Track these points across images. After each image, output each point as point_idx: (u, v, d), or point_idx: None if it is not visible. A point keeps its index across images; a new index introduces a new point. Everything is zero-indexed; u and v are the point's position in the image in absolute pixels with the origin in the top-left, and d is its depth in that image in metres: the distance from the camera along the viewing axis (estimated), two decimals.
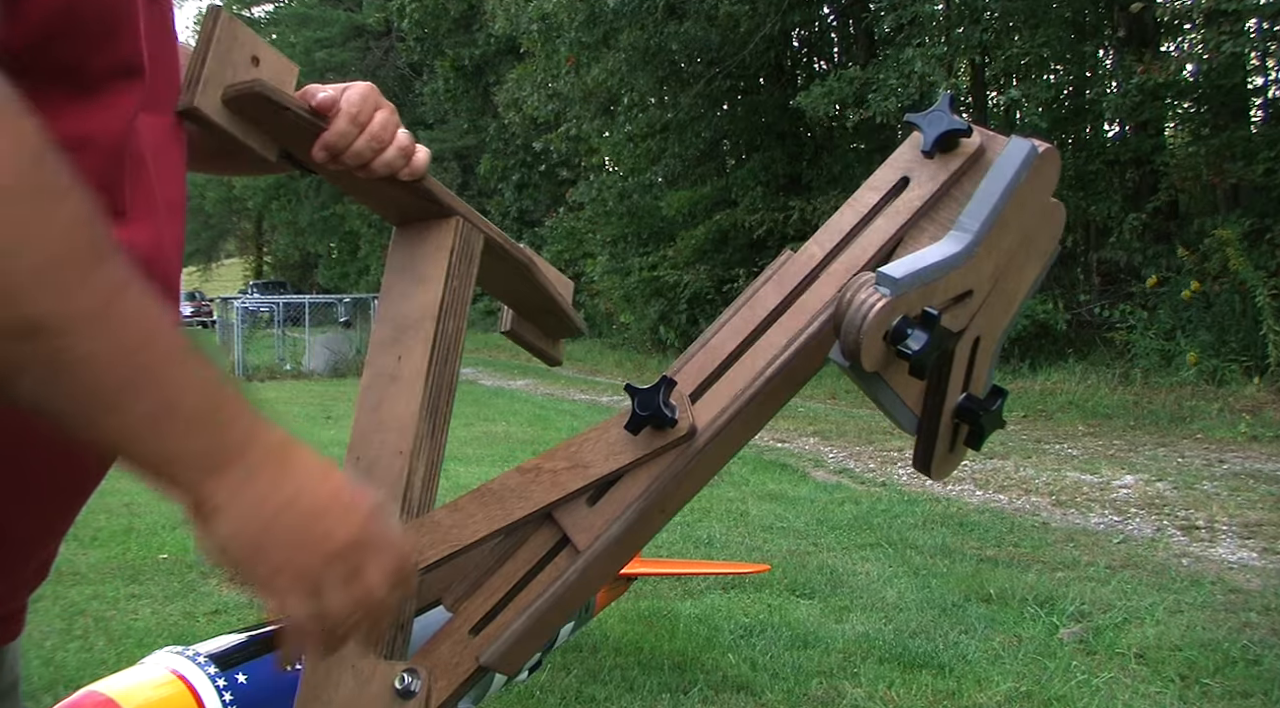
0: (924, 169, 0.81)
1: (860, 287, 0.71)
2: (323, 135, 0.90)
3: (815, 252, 0.81)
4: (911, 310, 0.70)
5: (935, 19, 12.53)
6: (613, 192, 17.19)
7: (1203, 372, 9.46)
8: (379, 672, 0.80)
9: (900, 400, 0.76)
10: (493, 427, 9.49)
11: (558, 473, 0.82)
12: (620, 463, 0.80)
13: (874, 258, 0.78)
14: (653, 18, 14.71)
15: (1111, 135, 13.73)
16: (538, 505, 0.81)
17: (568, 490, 0.81)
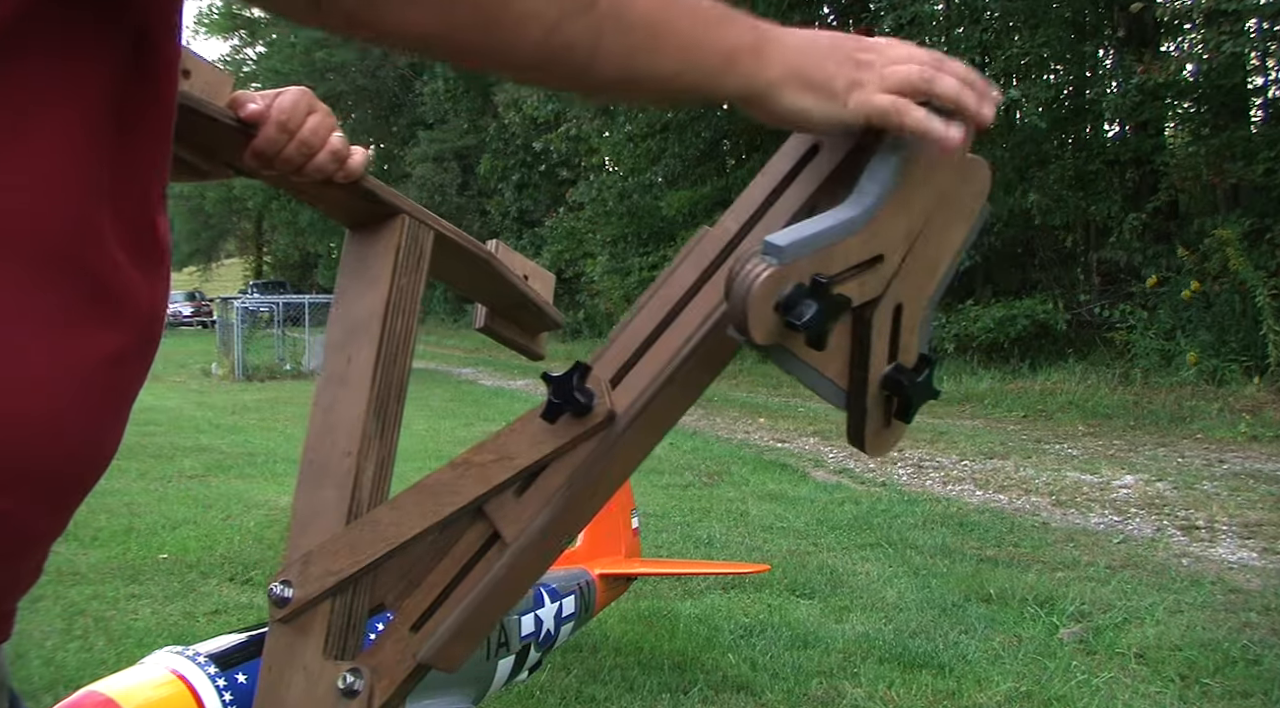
0: (836, 135, 0.80)
1: (748, 257, 0.68)
2: (252, 142, 0.92)
3: (729, 225, 0.79)
4: (804, 279, 0.68)
5: (935, 19, 12.54)
6: (613, 192, 17.20)
7: (1203, 372, 9.47)
8: (325, 672, 0.81)
9: (817, 373, 0.73)
10: (492, 427, 9.49)
11: (485, 466, 0.81)
12: (543, 452, 0.80)
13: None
14: None
15: (1111, 135, 13.74)
16: (468, 499, 0.81)
17: (495, 483, 0.81)
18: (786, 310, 0.67)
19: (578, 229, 19.14)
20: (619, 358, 0.80)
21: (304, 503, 0.88)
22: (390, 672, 0.81)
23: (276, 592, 0.83)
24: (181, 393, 13.16)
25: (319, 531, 0.86)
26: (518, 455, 0.81)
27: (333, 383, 0.91)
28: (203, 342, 22.51)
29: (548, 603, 2.89)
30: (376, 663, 0.81)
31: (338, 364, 0.92)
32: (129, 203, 0.66)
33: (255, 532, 5.18)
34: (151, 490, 6.09)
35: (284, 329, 17.97)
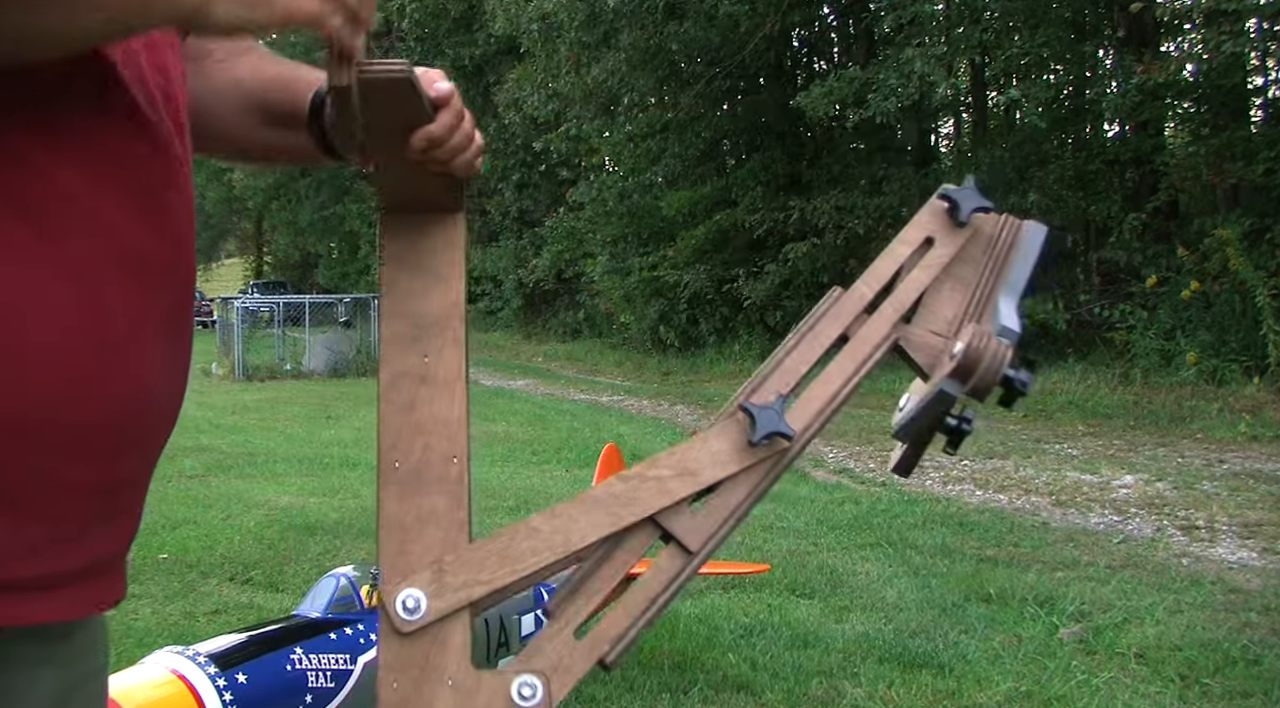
0: (946, 232, 0.97)
1: (985, 336, 0.86)
2: (430, 127, 0.90)
3: (864, 292, 0.95)
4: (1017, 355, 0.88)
5: (935, 19, 12.53)
6: (613, 192, 17.18)
7: (1203, 372, 9.47)
8: (485, 683, 0.80)
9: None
10: (493, 427, 9.49)
11: (664, 480, 0.86)
12: (728, 472, 0.88)
13: (913, 302, 0.95)
14: (653, 18, 14.71)
15: (1111, 135, 13.74)
16: (648, 511, 0.85)
17: (678, 497, 0.86)
18: (1009, 380, 0.87)
19: (578, 229, 19.13)
20: (783, 387, 0.90)
21: (402, 510, 0.85)
22: (563, 676, 0.83)
23: (403, 603, 0.81)
24: None
25: (432, 540, 0.83)
26: (700, 472, 0.87)
27: (409, 381, 0.89)
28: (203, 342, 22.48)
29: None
30: (544, 668, 0.82)
31: (412, 361, 0.90)
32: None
33: (255, 532, 5.18)
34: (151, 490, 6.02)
35: (284, 329, 17.97)
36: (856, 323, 0.93)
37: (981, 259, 0.97)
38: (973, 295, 0.95)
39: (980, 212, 0.98)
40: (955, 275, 0.96)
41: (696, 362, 15.45)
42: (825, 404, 0.91)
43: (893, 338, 0.93)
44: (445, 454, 0.87)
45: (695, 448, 0.87)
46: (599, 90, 15.82)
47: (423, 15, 23.04)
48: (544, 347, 20.82)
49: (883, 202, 13.70)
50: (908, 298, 0.95)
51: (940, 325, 0.94)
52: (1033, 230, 1.00)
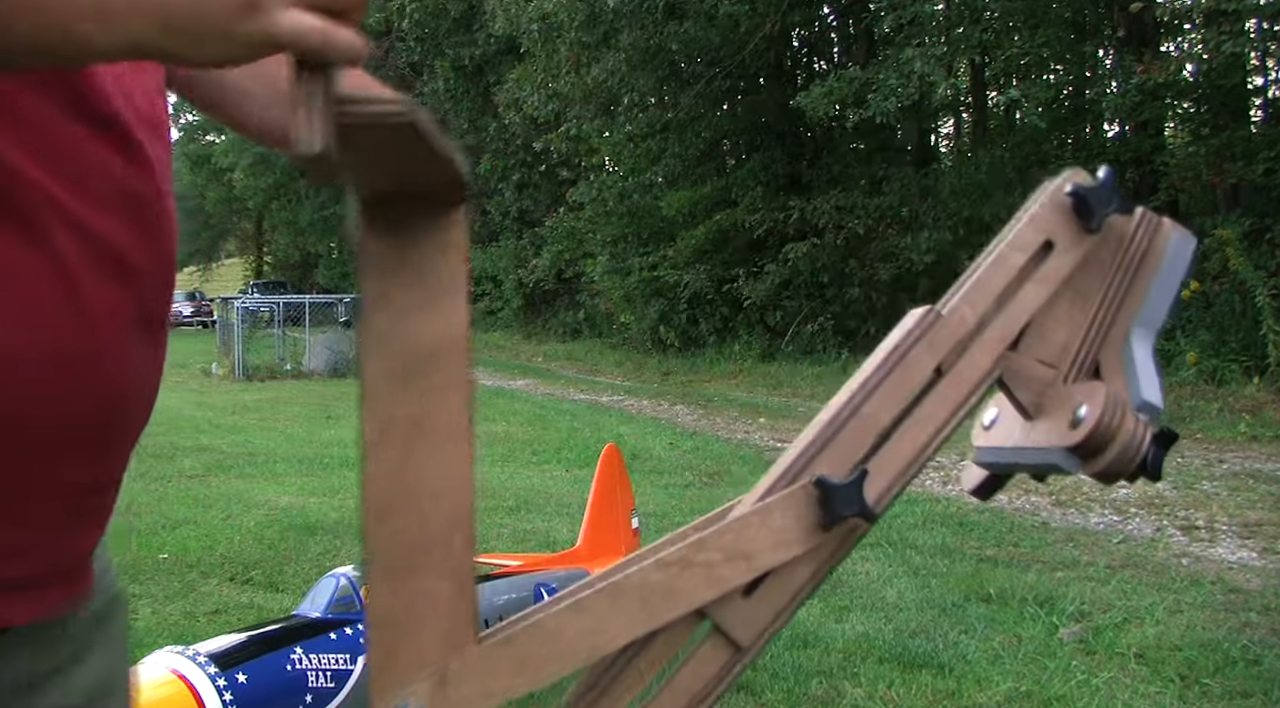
0: (1068, 234, 0.78)
1: (1121, 410, 0.73)
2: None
3: (967, 313, 0.77)
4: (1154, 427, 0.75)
5: (935, 19, 12.54)
6: (613, 192, 17.18)
7: (1202, 372, 9.47)
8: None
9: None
10: (493, 427, 9.49)
11: (713, 566, 0.72)
12: (792, 554, 0.73)
13: (1026, 326, 0.78)
14: (653, 18, 14.71)
15: (1111, 135, 13.74)
16: (693, 605, 0.71)
17: (729, 586, 0.71)
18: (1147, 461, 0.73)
19: (578, 229, 19.13)
20: (856, 447, 0.75)
21: (394, 600, 0.68)
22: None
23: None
24: (181, 393, 13.15)
25: (431, 637, 0.68)
26: (756, 555, 0.72)
27: (401, 428, 0.70)
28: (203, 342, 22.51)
29: None
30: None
31: (404, 403, 0.71)
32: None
33: (255, 532, 5.18)
34: (151, 490, 6.09)
35: (284, 329, 17.97)
36: (953, 353, 0.77)
37: (1110, 267, 0.80)
38: (1096, 316, 0.79)
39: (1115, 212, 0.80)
40: (1074, 287, 0.79)
41: (696, 362, 15.45)
42: (910, 463, 0.76)
43: (997, 372, 0.77)
44: (447, 526, 0.70)
45: (751, 524, 0.72)
46: (599, 90, 15.82)
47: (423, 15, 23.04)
48: (544, 347, 20.82)
49: (883, 202, 13.71)
50: (1018, 321, 0.78)
51: (1052, 353, 0.78)
52: (1178, 241, 0.81)
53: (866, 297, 13.78)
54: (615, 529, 3.54)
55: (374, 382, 0.71)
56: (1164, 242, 0.81)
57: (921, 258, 12.60)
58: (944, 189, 13.49)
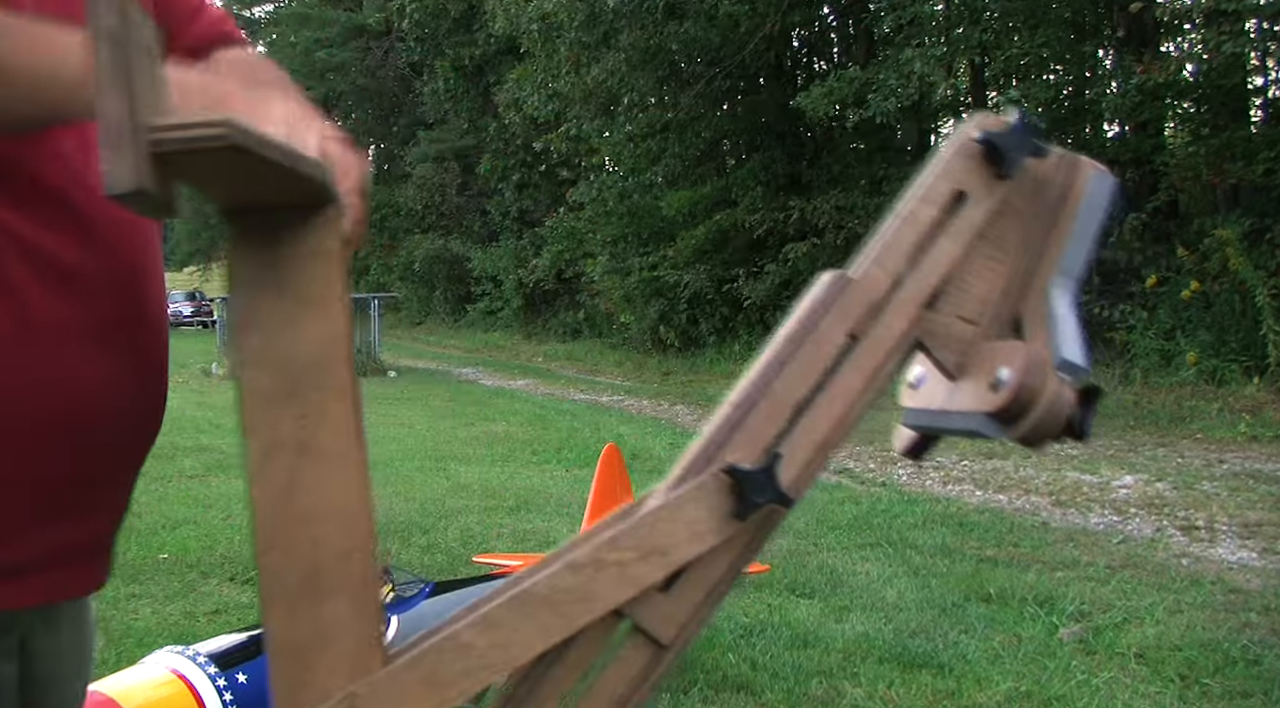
0: (980, 183, 0.73)
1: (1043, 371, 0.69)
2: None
3: (878, 276, 0.72)
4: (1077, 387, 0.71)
5: (935, 19, 12.53)
6: (613, 192, 17.18)
7: (1202, 372, 9.47)
8: None
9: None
10: (493, 426, 9.49)
11: (627, 565, 0.68)
12: (708, 545, 0.69)
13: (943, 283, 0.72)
14: (653, 18, 14.71)
15: (1111, 135, 13.74)
16: (609, 606, 0.67)
17: (646, 585, 0.68)
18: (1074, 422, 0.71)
19: (578, 229, 19.13)
20: (770, 425, 0.70)
21: (295, 629, 0.65)
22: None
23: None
24: (182, 393, 13.16)
25: (337, 662, 0.65)
26: (671, 550, 0.68)
27: (285, 454, 0.66)
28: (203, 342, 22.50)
29: None
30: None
31: (285, 426, 0.66)
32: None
33: None
34: (151, 490, 6.09)
35: None
36: (867, 318, 0.72)
37: (1028, 214, 0.75)
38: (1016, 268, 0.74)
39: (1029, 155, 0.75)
40: (992, 238, 0.74)
41: (696, 362, 15.45)
42: (829, 439, 0.72)
43: (914, 334, 0.73)
44: (342, 549, 0.67)
45: (663, 518, 0.68)
46: (599, 90, 15.81)
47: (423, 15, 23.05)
48: (544, 347, 20.81)
49: (883, 202, 13.69)
50: (933, 279, 0.73)
51: (972, 309, 0.73)
52: (1096, 180, 0.76)
53: None
54: None
55: (252, 404, 0.67)
56: (1082, 182, 0.77)
57: None
58: None
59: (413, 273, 28.06)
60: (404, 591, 2.57)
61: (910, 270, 0.73)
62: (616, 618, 0.69)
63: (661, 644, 0.69)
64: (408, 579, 2.65)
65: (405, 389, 13.44)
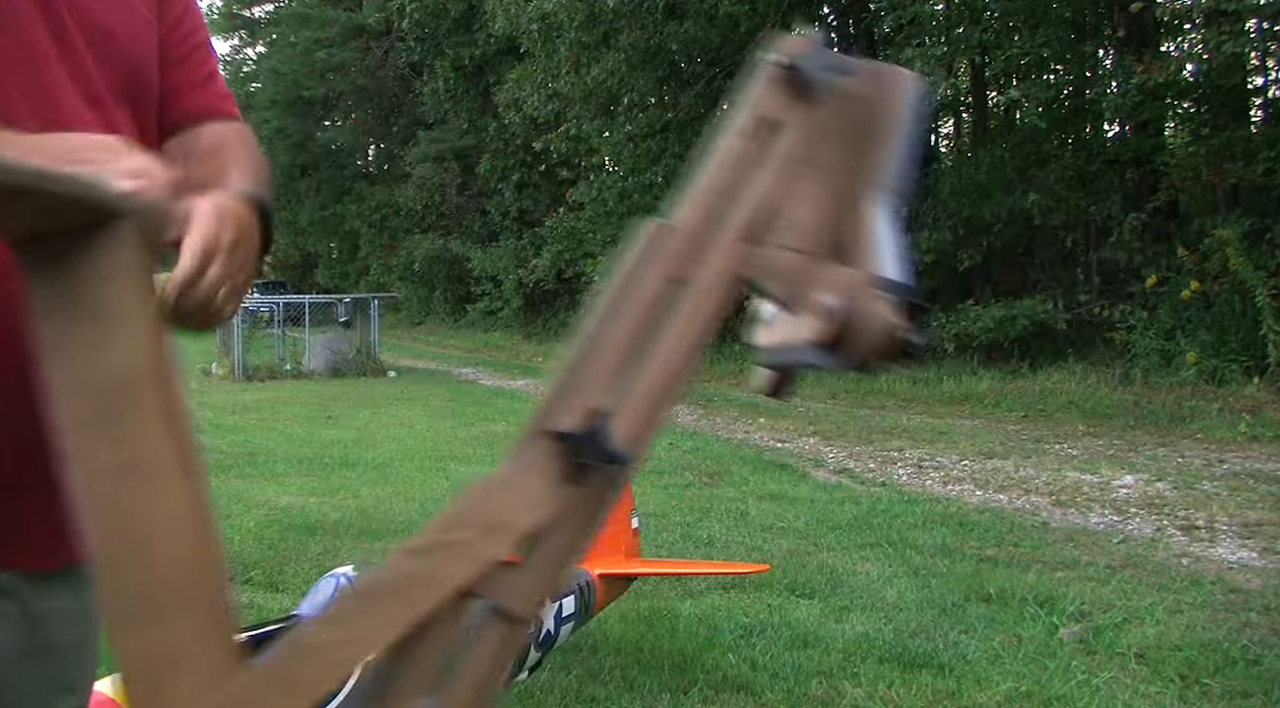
0: (790, 110, 0.70)
1: (863, 295, 0.66)
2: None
3: (695, 217, 0.69)
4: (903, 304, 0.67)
5: (935, 19, 12.53)
6: (613, 192, 17.18)
7: (1203, 372, 9.47)
8: None
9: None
10: (493, 427, 9.49)
11: (468, 545, 0.65)
12: (548, 515, 0.67)
13: (760, 217, 0.68)
14: (653, 18, 14.71)
15: (1111, 135, 13.73)
16: (453, 588, 0.65)
17: (488, 561, 0.65)
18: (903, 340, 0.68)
19: (578, 229, 19.12)
20: (601, 384, 0.68)
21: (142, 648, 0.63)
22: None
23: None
24: None
25: (190, 682, 0.62)
26: (513, 523, 0.66)
27: (106, 477, 0.65)
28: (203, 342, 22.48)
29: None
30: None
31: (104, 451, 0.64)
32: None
33: (255, 532, 5.17)
34: None
35: (284, 329, 17.96)
36: (688, 261, 0.69)
37: (844, 133, 0.71)
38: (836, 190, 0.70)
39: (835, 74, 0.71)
40: (810, 163, 0.71)
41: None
42: (665, 392, 0.68)
43: (741, 272, 0.70)
44: (186, 563, 0.66)
45: (500, 494, 0.67)
46: (599, 90, 15.81)
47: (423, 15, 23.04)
48: (544, 347, 20.80)
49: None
50: (755, 213, 0.70)
51: (798, 238, 0.69)
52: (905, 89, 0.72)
53: None
54: (615, 529, 3.54)
55: (71, 434, 0.65)
56: (893, 93, 0.73)
57: (921, 258, 12.59)
58: (944, 189, 13.48)
59: (412, 273, 28.06)
60: None
61: (727, 207, 0.70)
62: (467, 598, 0.67)
63: (517, 618, 0.68)
64: None
65: (405, 389, 13.44)
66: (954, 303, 12.43)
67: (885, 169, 0.70)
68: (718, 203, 0.70)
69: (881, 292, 0.66)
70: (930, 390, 11.19)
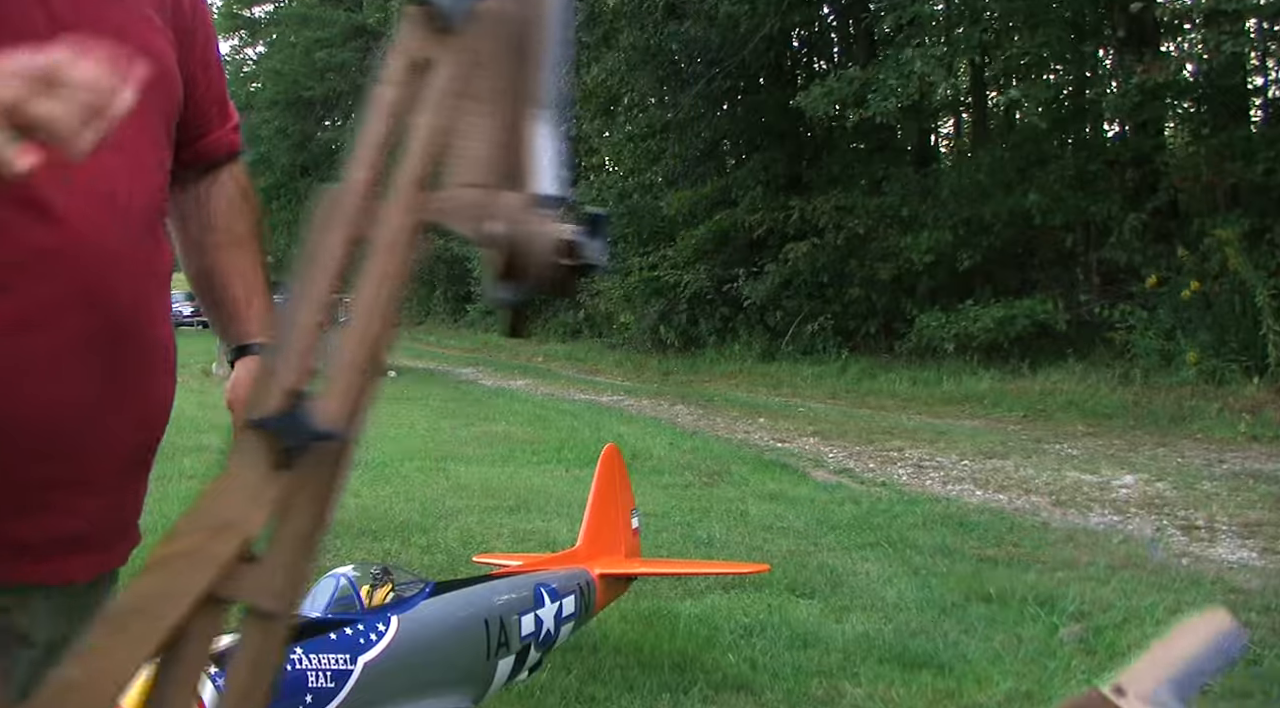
0: (433, 46, 0.69)
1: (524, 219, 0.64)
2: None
3: (362, 175, 0.68)
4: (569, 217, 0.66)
5: (935, 19, 12.54)
6: (613, 192, 17.19)
7: (1203, 372, 9.47)
8: None
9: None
10: (493, 426, 9.49)
11: (200, 551, 0.65)
12: (271, 504, 0.66)
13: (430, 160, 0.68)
14: (653, 18, 14.73)
15: (1111, 135, 13.74)
16: (195, 595, 0.64)
17: (226, 561, 0.64)
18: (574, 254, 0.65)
19: None
20: (304, 360, 0.67)
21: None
22: None
23: None
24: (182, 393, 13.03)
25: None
26: (239, 521, 0.65)
27: None
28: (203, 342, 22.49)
29: (548, 603, 2.89)
30: None
31: None
32: None
33: None
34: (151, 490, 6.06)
35: None
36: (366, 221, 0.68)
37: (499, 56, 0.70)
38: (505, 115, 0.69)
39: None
40: (472, 94, 0.69)
41: (696, 362, 15.44)
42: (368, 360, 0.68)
43: (424, 219, 0.68)
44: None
45: (222, 492, 0.66)
46: (599, 90, 15.82)
47: None
48: (544, 347, 20.80)
49: (883, 202, 13.70)
50: (420, 158, 0.69)
51: (475, 173, 0.68)
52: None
53: (866, 297, 13.77)
54: (615, 529, 3.54)
55: None
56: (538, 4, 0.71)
57: (921, 258, 12.60)
58: (944, 189, 13.48)
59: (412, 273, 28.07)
60: (404, 590, 2.57)
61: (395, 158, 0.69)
62: (212, 604, 0.65)
63: (271, 614, 0.66)
64: (408, 579, 2.65)
65: (405, 389, 13.44)
66: (954, 303, 12.44)
67: (541, 83, 0.69)
68: (381, 157, 0.68)
69: (542, 209, 0.65)
70: (930, 390, 11.19)
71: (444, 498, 6.11)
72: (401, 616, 2.47)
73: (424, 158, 0.67)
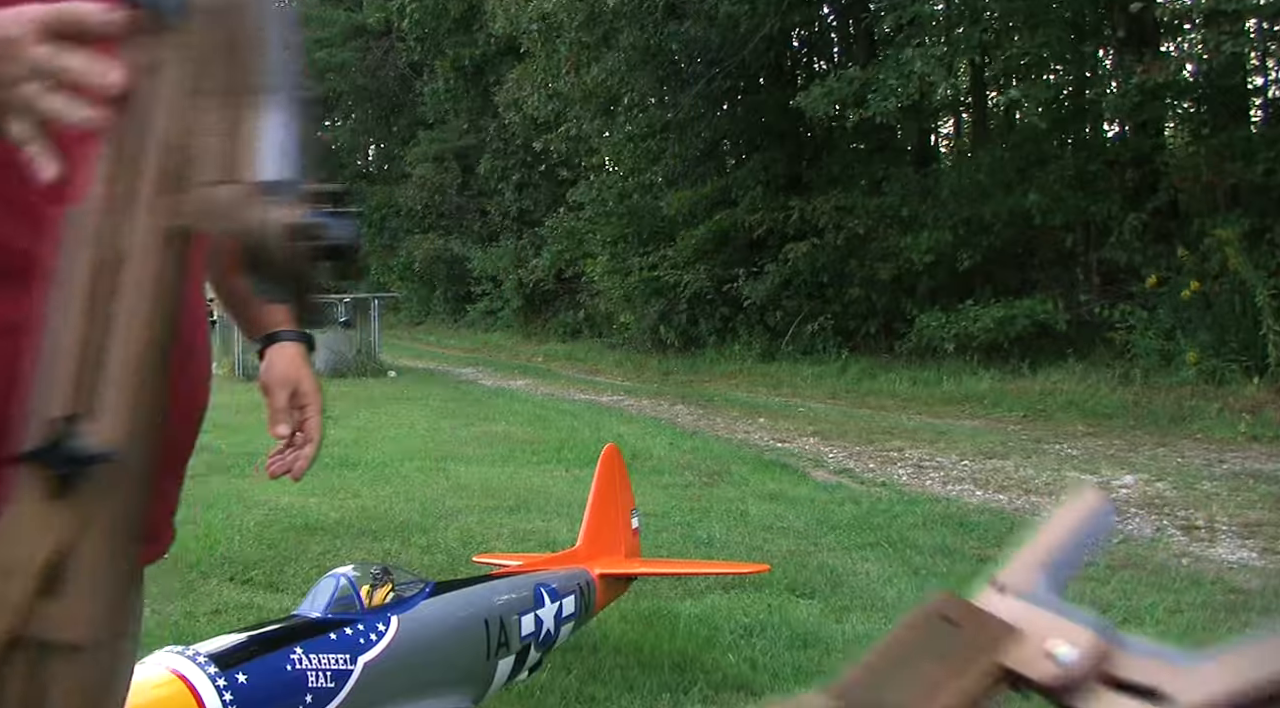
0: (165, 45, 0.66)
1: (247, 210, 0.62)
2: None
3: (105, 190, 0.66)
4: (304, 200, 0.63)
5: (935, 19, 12.53)
6: (613, 192, 17.18)
7: (1203, 372, 9.47)
8: None
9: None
10: (493, 426, 9.49)
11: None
12: (63, 535, 0.63)
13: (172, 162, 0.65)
14: (653, 18, 14.72)
15: (1111, 135, 13.74)
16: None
17: (20, 601, 0.62)
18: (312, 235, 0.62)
19: (578, 229, 19.12)
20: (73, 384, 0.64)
21: None
22: None
23: None
24: None
25: None
26: (24, 559, 0.62)
27: None
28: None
29: (548, 603, 2.89)
30: None
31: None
32: None
33: (255, 532, 5.18)
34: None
35: None
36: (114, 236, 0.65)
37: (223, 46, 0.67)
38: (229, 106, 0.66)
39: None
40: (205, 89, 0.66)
41: (696, 362, 15.44)
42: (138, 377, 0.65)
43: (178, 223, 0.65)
44: None
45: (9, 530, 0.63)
46: (599, 90, 15.81)
47: (423, 15, 23.02)
48: (544, 347, 20.81)
49: (883, 202, 13.70)
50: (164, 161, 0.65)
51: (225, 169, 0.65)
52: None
53: (866, 297, 13.77)
54: (615, 529, 3.54)
55: None
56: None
57: (921, 258, 12.60)
58: (944, 189, 13.48)
59: (412, 273, 28.05)
60: (404, 590, 2.57)
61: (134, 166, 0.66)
62: (16, 647, 0.63)
63: (80, 646, 0.63)
64: (408, 579, 2.65)
65: (405, 389, 13.44)
66: (954, 303, 12.44)
67: (264, 68, 0.67)
68: (113, 168, 0.66)
69: (269, 196, 0.62)
70: (930, 390, 11.19)
71: (444, 498, 6.11)
72: (401, 616, 2.47)
73: (163, 162, 0.65)
